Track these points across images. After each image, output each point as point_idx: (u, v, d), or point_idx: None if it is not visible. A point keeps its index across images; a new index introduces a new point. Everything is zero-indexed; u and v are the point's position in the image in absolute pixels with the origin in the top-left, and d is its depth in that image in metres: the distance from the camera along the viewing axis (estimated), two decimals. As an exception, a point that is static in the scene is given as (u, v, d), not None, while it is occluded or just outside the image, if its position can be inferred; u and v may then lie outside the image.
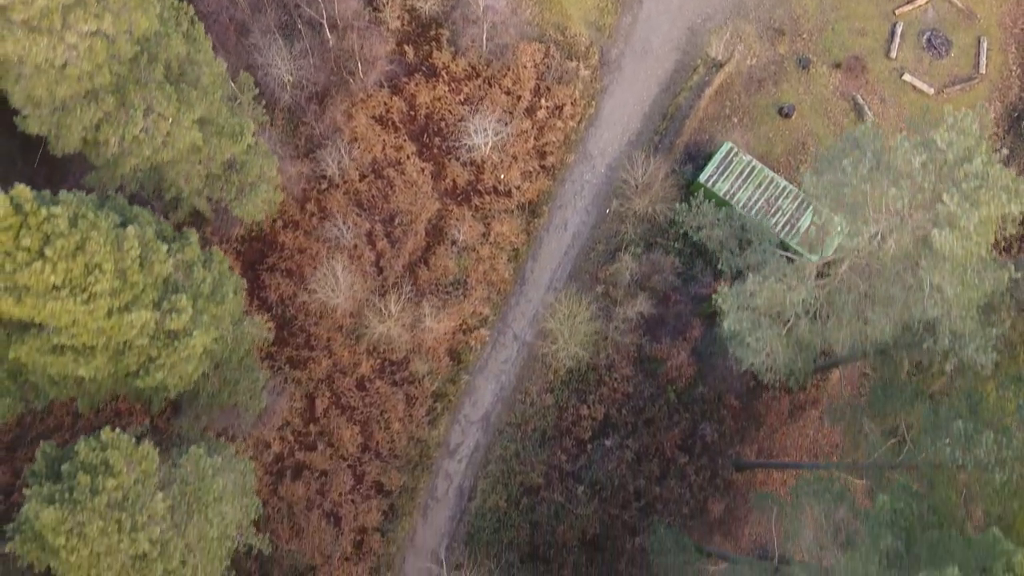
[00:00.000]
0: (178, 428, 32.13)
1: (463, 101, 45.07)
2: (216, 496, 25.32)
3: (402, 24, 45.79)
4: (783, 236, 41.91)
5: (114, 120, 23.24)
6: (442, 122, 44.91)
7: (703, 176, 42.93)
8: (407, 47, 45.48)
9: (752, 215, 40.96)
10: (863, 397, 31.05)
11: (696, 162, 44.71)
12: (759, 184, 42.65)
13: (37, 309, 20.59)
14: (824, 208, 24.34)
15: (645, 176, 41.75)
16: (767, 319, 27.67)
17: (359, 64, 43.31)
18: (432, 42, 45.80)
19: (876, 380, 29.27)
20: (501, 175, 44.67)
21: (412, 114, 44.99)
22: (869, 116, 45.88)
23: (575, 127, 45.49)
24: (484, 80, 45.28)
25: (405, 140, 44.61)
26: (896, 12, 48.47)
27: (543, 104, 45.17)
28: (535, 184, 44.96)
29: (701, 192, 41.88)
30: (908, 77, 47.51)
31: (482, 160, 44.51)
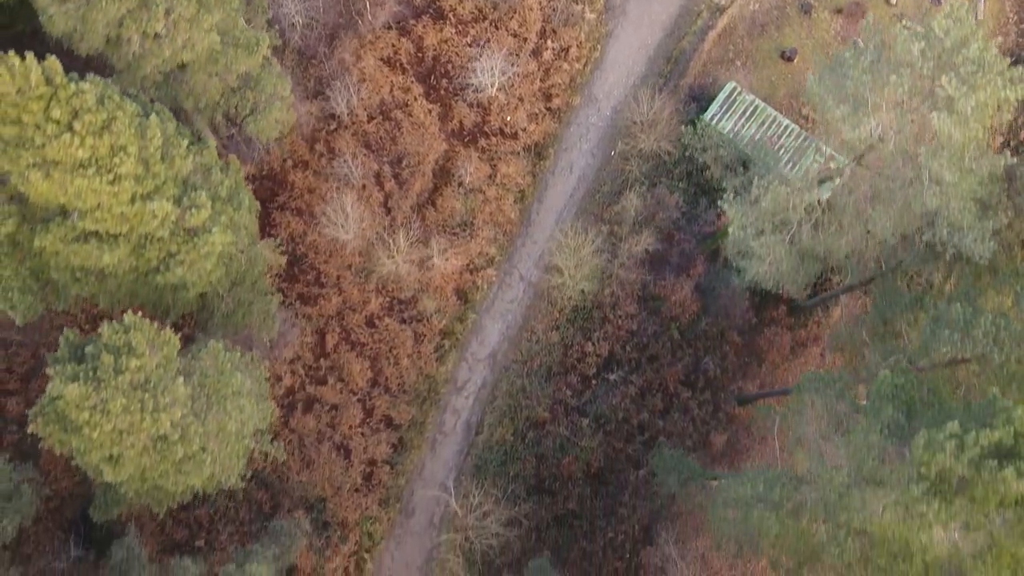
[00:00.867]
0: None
1: (470, 43, 45.73)
2: (235, 390, 26.10)
3: (410, -34, 46.43)
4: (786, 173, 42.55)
5: (136, 16, 23.96)
6: (449, 64, 45.59)
7: (707, 115, 43.60)
8: (415, -11, 46.13)
9: (756, 152, 41.61)
10: (864, 325, 31.69)
11: (700, 103, 45.37)
12: (762, 123, 43.32)
13: (64, 187, 21.30)
14: (828, 102, 24.97)
15: (650, 113, 42.40)
16: (771, 226, 28.36)
17: (368, 5, 43.98)
18: (439, -16, 46.45)
19: (877, 292, 29.90)
20: (507, 117, 45.36)
21: (419, 56, 45.67)
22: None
23: (580, 70, 46.15)
24: (491, 22, 45.92)
25: (412, 82, 45.30)
26: (897, -41, 49.07)
27: (549, 46, 45.83)
28: (541, 126, 45.63)
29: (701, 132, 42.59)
30: (907, 23, 47.97)
31: (488, 102, 45.19)
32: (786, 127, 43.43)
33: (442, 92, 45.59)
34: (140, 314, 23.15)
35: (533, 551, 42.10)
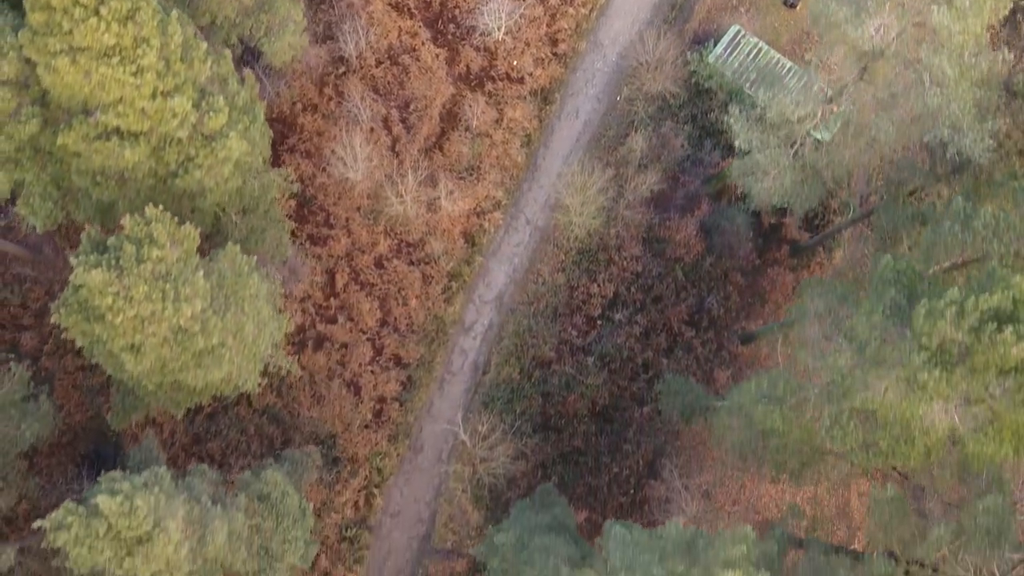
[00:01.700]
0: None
1: (477, -12, 46.26)
2: (252, 293, 26.74)
3: (417, -89, 46.91)
4: (788, 115, 43.08)
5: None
6: (456, 8, 46.14)
7: (711, 56, 44.14)
8: (422, -67, 46.63)
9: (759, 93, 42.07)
10: (867, 242, 32.28)
11: (704, 47, 45.87)
12: (765, 64, 43.84)
13: (89, 75, 21.91)
14: (831, 6, 25.50)
15: (656, 53, 42.99)
16: (776, 140, 28.94)
17: (376, -50, 44.52)
18: (446, -71, 46.94)
19: (879, 211, 30.47)
20: (514, 61, 45.94)
21: (427, 0, 46.22)
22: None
23: (586, 15, 46.69)
24: (497, -33, 46.41)
25: (420, 26, 45.86)
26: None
27: (554, -9, 46.38)
28: (547, 71, 46.20)
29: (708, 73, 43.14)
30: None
31: (495, 46, 45.76)
32: (790, 69, 43.99)
33: (449, 37, 46.16)
34: (160, 207, 23.79)
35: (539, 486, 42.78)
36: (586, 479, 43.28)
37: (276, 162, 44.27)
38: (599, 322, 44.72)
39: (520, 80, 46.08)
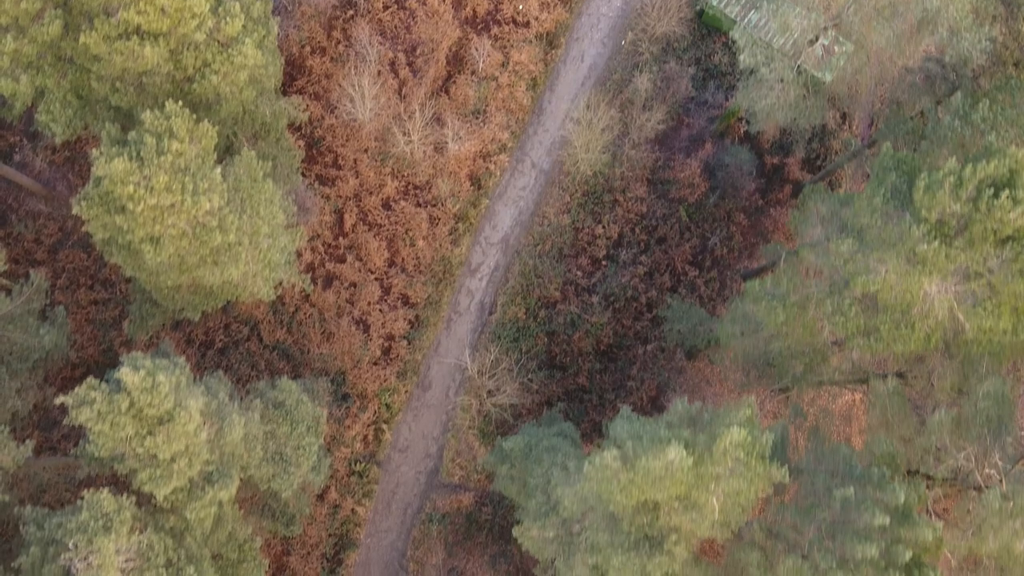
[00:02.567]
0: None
1: (483, -68, 46.80)
2: (267, 197, 27.35)
3: None
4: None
5: None
6: (462, -47, 46.69)
7: (715, -1, 44.68)
8: None
9: (762, 36, 42.60)
10: (868, 160, 32.79)
11: (708, -9, 46.43)
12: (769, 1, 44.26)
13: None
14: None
15: (660, -7, 43.56)
16: (779, 54, 29.45)
17: None
18: None
19: (879, 132, 30.97)
20: (519, 5, 46.48)
21: (434, -55, 46.75)
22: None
23: (591, -40, 47.24)
24: (503, -88, 46.98)
25: (427, -29, 46.40)
26: None
27: (560, -65, 46.90)
28: (552, 15, 46.74)
29: (712, 15, 43.61)
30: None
31: (501, -10, 46.31)
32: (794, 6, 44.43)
33: (456, -20, 46.70)
34: (179, 102, 24.41)
35: (545, 423, 43.42)
36: (591, 416, 43.90)
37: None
38: (604, 263, 45.32)
39: (526, 24, 46.64)
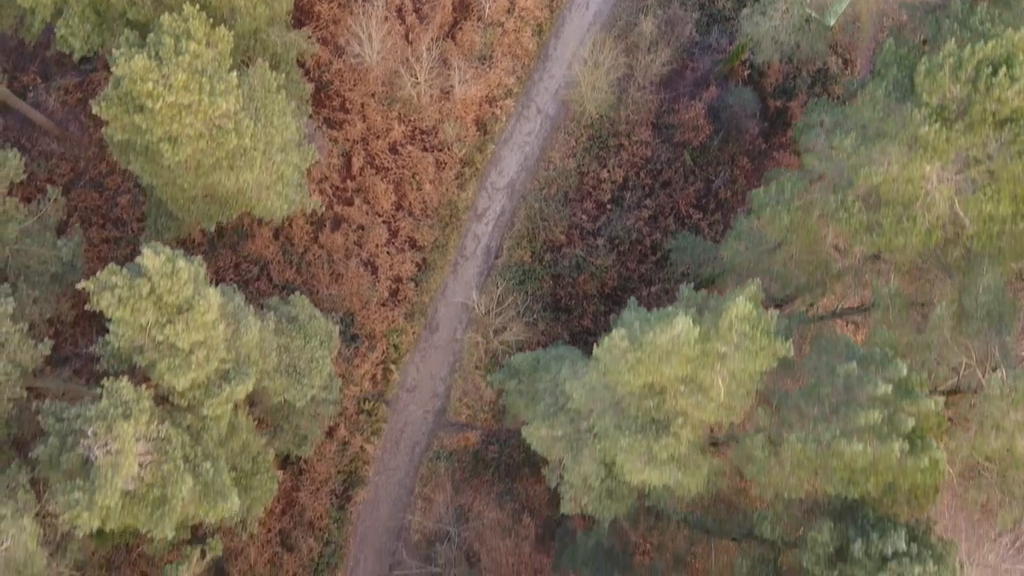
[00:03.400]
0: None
1: None
2: (280, 108, 27.87)
3: None
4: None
5: None
6: (469, -101, 47.11)
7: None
8: None
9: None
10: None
11: (711, -61, 46.93)
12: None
13: None
14: None
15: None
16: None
17: None
18: None
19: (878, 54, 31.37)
20: (525, -48, 46.91)
21: None
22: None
23: (596, -93, 47.66)
24: None
25: (433, -83, 46.83)
26: None
27: None
28: (558, -38, 47.25)
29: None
30: None
31: (507, -64, 46.73)
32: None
33: (462, -73, 47.13)
34: (197, 5, 24.92)
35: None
36: (596, 356, 44.40)
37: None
38: (609, 206, 45.83)
39: (532, -29, 47.09)
